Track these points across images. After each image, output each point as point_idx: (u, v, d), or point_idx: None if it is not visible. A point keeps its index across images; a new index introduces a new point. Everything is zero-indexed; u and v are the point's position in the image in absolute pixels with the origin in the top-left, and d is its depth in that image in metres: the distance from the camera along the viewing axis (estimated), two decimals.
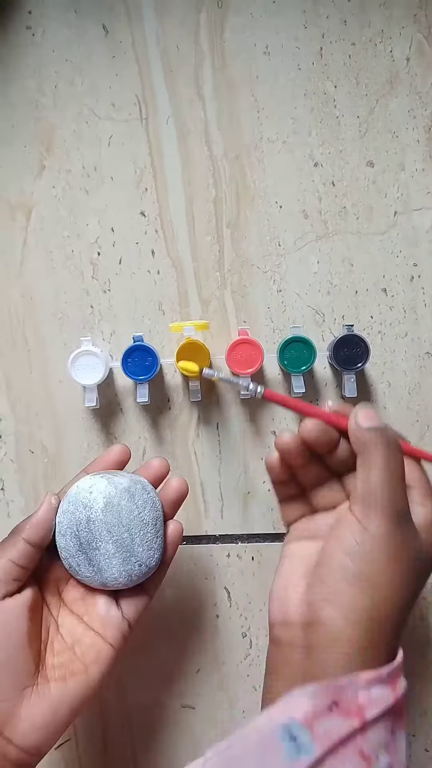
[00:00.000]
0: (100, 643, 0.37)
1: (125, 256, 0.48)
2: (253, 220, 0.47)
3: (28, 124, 0.47)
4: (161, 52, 0.46)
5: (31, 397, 0.49)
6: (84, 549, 0.37)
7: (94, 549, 0.37)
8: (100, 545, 0.37)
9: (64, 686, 0.35)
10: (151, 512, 0.38)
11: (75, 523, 0.37)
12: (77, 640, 0.37)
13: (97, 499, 0.38)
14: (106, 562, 0.37)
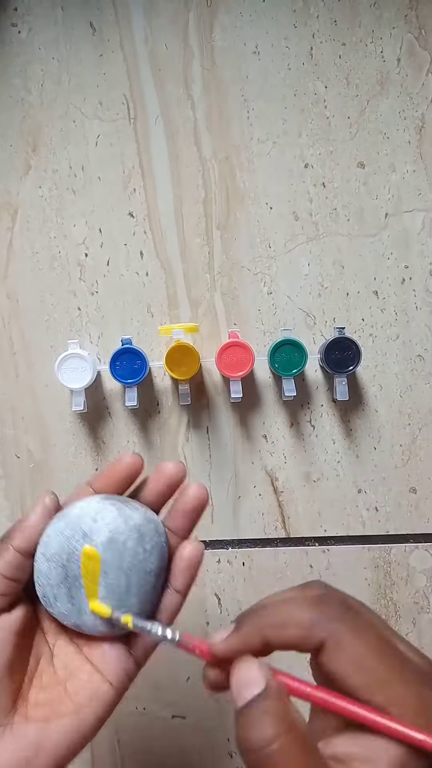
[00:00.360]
0: (98, 680, 0.31)
1: (113, 258, 0.47)
2: (243, 221, 0.46)
3: (14, 123, 0.47)
4: (150, 51, 0.46)
5: (17, 401, 0.48)
6: (68, 583, 0.31)
7: (79, 587, 0.31)
8: (88, 584, 0.31)
9: (46, 729, 0.29)
10: (157, 560, 0.32)
11: (67, 551, 0.31)
12: (71, 674, 0.31)
13: (101, 530, 0.31)
14: (87, 602, 0.31)
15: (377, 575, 0.48)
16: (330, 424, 0.47)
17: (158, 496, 0.34)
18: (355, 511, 0.47)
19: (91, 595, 0.31)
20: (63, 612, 0.32)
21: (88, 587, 0.31)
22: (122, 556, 0.31)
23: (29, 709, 0.30)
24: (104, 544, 0.31)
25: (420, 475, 0.47)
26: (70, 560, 0.31)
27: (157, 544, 0.32)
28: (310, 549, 0.48)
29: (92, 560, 0.31)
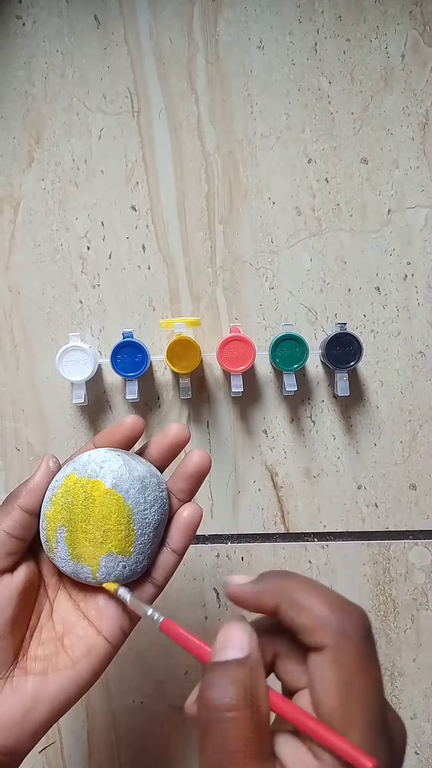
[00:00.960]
0: (94, 636, 0.32)
1: (115, 251, 0.47)
2: (245, 216, 0.46)
3: (17, 116, 0.46)
4: (154, 44, 0.46)
5: (18, 394, 0.48)
6: (71, 526, 0.32)
7: (81, 531, 0.32)
8: (89, 528, 0.32)
9: (44, 682, 0.31)
10: (157, 513, 0.33)
11: (72, 493, 0.33)
12: (68, 629, 0.33)
13: (105, 476, 0.32)
14: (87, 549, 0.32)
15: (376, 571, 0.48)
16: (330, 420, 0.47)
17: (161, 454, 0.35)
18: (354, 507, 0.47)
19: (91, 539, 0.32)
20: (61, 557, 0.33)
21: (89, 531, 0.32)
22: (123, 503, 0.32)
23: (28, 663, 0.32)
24: (107, 490, 0.32)
25: (420, 471, 0.47)
26: (74, 502, 0.32)
27: (158, 498, 0.33)
28: (310, 544, 0.48)
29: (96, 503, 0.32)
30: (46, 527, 0.33)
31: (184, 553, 0.35)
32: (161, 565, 0.34)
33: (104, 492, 0.32)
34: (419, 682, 0.47)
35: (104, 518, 0.32)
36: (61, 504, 0.33)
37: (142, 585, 0.34)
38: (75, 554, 0.33)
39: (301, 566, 0.48)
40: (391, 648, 0.47)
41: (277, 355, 0.44)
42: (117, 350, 0.44)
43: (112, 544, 0.32)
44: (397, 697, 0.48)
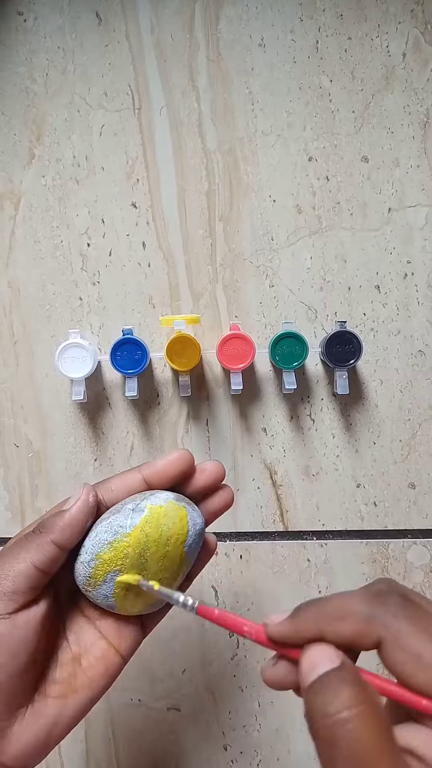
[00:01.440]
0: (112, 655, 0.32)
1: (115, 248, 0.47)
2: (246, 213, 0.46)
3: (18, 112, 0.46)
4: (155, 41, 0.46)
5: (17, 391, 0.48)
6: (128, 571, 0.32)
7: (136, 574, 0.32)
8: (146, 575, 0.32)
9: (64, 705, 0.31)
10: (194, 560, 0.34)
11: (142, 546, 0.32)
12: (86, 650, 0.32)
13: (175, 531, 0.32)
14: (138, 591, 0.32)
15: (375, 570, 0.47)
16: (330, 418, 0.47)
17: (199, 492, 0.35)
18: (353, 505, 0.47)
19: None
20: (104, 594, 0.32)
21: (145, 576, 0.32)
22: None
23: (48, 687, 0.31)
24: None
25: (419, 470, 0.47)
26: (143, 555, 0.32)
27: (195, 550, 0.34)
28: (308, 543, 0.48)
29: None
30: (96, 567, 0.32)
31: (194, 578, 0.36)
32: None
33: (169, 548, 0.32)
34: None
35: (164, 569, 0.32)
36: (124, 553, 0.31)
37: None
38: (120, 594, 0.32)
39: (300, 564, 0.48)
40: None
41: (276, 353, 0.44)
42: (117, 347, 0.44)
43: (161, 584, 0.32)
44: None
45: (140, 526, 0.32)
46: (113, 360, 0.44)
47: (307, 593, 0.48)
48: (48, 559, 0.30)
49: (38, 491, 0.48)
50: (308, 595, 0.48)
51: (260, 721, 0.48)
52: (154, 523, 0.32)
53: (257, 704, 0.48)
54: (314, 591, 0.48)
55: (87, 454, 0.48)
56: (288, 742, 0.48)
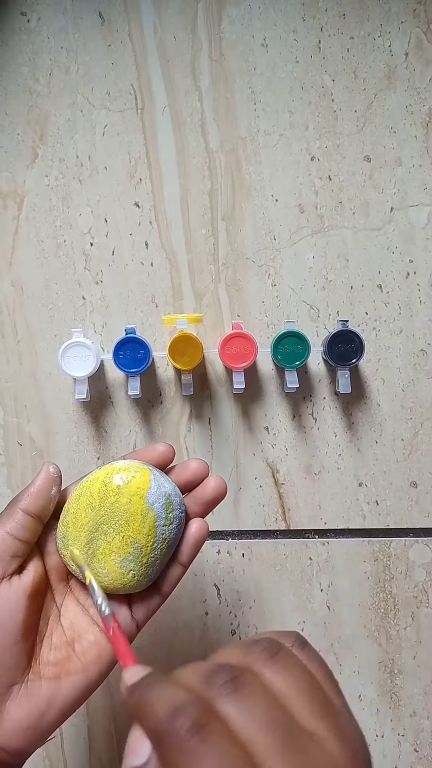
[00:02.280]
0: (104, 641, 0.33)
1: (118, 247, 0.47)
2: (248, 213, 0.47)
3: (21, 112, 0.47)
4: (158, 41, 0.46)
5: (20, 389, 0.48)
6: (92, 526, 0.33)
7: (101, 532, 0.33)
8: (110, 531, 0.33)
9: (57, 686, 0.32)
10: (173, 531, 0.34)
11: (99, 494, 0.34)
12: (78, 635, 0.34)
13: (134, 484, 0.33)
14: (102, 552, 0.33)
15: (377, 569, 0.48)
16: (332, 417, 0.47)
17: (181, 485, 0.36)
18: (355, 504, 0.48)
19: (109, 541, 0.33)
20: (75, 553, 0.33)
21: (109, 533, 0.33)
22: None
23: (41, 668, 0.32)
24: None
25: (421, 469, 0.47)
26: (101, 504, 0.33)
27: (177, 518, 0.34)
28: (310, 541, 0.48)
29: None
30: (67, 523, 0.34)
31: (189, 565, 0.36)
32: (169, 577, 0.35)
33: (130, 499, 0.33)
34: (419, 680, 0.47)
35: (126, 524, 0.33)
36: (86, 504, 0.34)
37: (148, 595, 0.35)
38: (90, 553, 0.33)
39: (302, 563, 0.48)
40: (390, 645, 0.48)
41: (278, 352, 0.44)
42: (119, 346, 0.44)
43: (127, 551, 0.33)
44: (396, 694, 0.48)
45: (101, 475, 0.34)
46: (116, 359, 0.44)
47: (309, 592, 0.48)
48: (19, 525, 0.33)
49: None
50: (310, 593, 0.48)
51: None
52: (112, 474, 0.34)
53: None
54: (316, 589, 0.48)
55: (90, 453, 0.48)
56: None
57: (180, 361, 0.44)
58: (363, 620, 0.48)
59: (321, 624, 0.48)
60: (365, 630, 0.48)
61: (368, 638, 0.48)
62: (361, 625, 0.48)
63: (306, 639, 0.25)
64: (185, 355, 0.44)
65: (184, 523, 0.35)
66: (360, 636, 0.48)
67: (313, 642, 0.48)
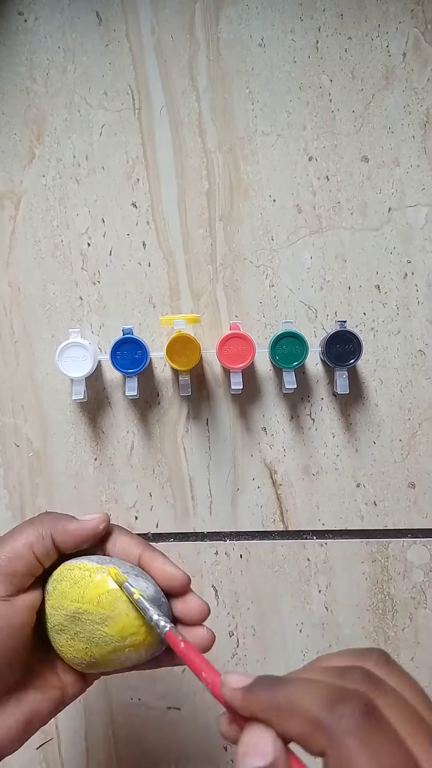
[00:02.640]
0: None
1: (116, 248, 0.47)
2: (246, 213, 0.46)
3: (18, 112, 0.47)
4: (156, 41, 0.46)
5: (17, 390, 0.48)
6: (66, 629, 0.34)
7: (74, 635, 0.33)
8: (78, 637, 0.33)
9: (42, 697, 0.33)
10: (126, 640, 0.33)
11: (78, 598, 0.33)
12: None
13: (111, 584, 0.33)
14: (70, 649, 0.34)
15: (375, 569, 0.47)
16: (330, 418, 0.47)
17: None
18: (353, 505, 0.47)
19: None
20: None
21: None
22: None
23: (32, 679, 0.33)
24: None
25: (419, 470, 0.47)
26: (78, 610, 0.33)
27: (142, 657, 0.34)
28: (308, 542, 0.48)
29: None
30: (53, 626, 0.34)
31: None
32: None
33: (92, 605, 0.32)
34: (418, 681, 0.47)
35: (85, 630, 0.33)
36: (64, 609, 0.33)
37: None
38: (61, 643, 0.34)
39: (300, 564, 0.48)
40: (389, 646, 0.47)
41: (276, 352, 0.44)
42: (117, 347, 0.44)
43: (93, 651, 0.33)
44: None
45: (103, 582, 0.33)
46: (113, 359, 0.44)
47: (307, 593, 0.48)
48: (46, 551, 0.33)
49: (38, 491, 0.48)
50: (308, 594, 0.48)
51: None
52: (66, 579, 0.33)
53: None
54: (314, 590, 0.48)
55: (87, 454, 0.48)
56: None
57: (177, 362, 0.44)
58: (361, 621, 0.47)
59: (319, 625, 0.48)
60: (363, 631, 0.47)
61: (366, 639, 0.47)
62: (359, 626, 0.47)
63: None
64: (183, 356, 0.44)
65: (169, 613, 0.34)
66: (358, 637, 0.47)
67: (311, 643, 0.48)
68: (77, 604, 0.32)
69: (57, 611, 0.33)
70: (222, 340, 0.44)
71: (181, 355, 0.44)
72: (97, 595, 0.32)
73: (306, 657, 0.48)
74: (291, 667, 0.47)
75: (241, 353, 0.44)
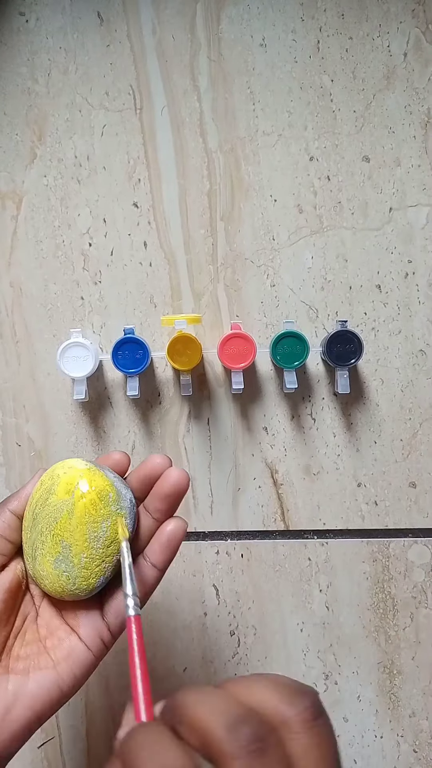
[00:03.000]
0: (75, 640, 0.33)
1: (117, 248, 0.47)
2: (247, 213, 0.46)
3: (20, 112, 0.47)
4: (157, 41, 0.46)
5: (19, 390, 0.48)
6: (33, 527, 0.34)
7: (38, 533, 0.33)
8: (44, 531, 0.33)
9: (25, 681, 0.31)
10: (108, 530, 0.33)
11: (36, 495, 0.34)
12: (51, 632, 0.34)
13: (63, 479, 0.33)
14: (41, 554, 0.33)
15: (375, 569, 0.48)
16: (331, 418, 0.47)
17: (140, 483, 0.36)
18: (354, 504, 0.48)
19: (42, 541, 0.34)
20: (28, 561, 0.34)
21: (44, 532, 0.34)
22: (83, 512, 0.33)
23: (11, 662, 0.33)
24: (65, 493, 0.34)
25: (420, 470, 0.47)
26: (36, 506, 0.34)
27: (113, 514, 0.33)
28: (309, 542, 0.48)
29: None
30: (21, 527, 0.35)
31: (165, 568, 0.35)
32: (143, 579, 0.34)
33: (59, 496, 0.33)
34: (418, 680, 0.47)
35: (54, 521, 0.33)
36: (30, 507, 0.35)
37: (120, 601, 0.34)
38: (33, 557, 0.34)
39: (301, 564, 0.48)
40: (389, 646, 0.47)
41: (277, 352, 0.44)
42: (118, 346, 0.44)
43: (57, 551, 0.33)
44: (395, 695, 0.48)
45: (40, 478, 0.35)
46: (115, 359, 0.44)
47: (308, 592, 0.48)
48: (7, 525, 0.34)
49: None
50: (309, 594, 0.48)
51: None
52: (46, 473, 0.35)
53: None
54: (315, 590, 0.48)
55: (88, 453, 0.48)
56: None
57: (179, 362, 0.44)
58: (362, 621, 0.48)
59: (320, 624, 0.48)
60: (364, 630, 0.48)
61: (367, 639, 0.48)
62: (360, 625, 0.48)
63: (323, 705, 0.22)
64: (184, 356, 0.44)
65: (134, 522, 0.34)
66: (359, 636, 0.48)
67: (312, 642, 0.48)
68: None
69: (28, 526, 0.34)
70: (223, 339, 0.44)
71: (182, 354, 0.44)
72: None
73: (307, 656, 0.48)
74: (292, 667, 0.47)
75: (242, 353, 0.44)
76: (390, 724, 0.48)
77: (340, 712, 0.48)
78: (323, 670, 0.48)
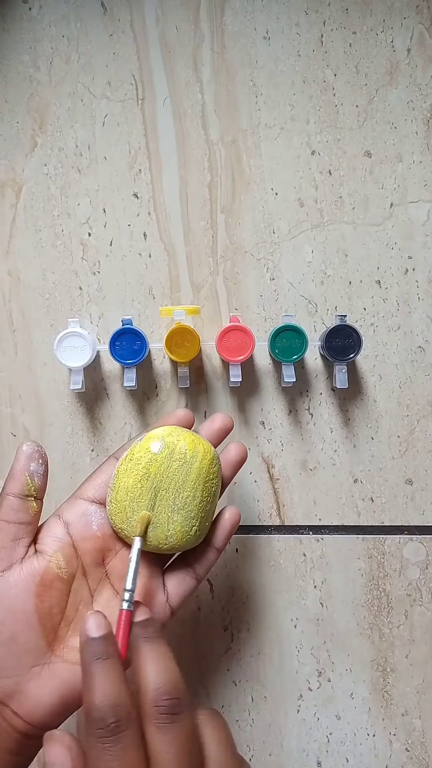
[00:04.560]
0: None
1: (116, 238, 0.47)
2: (247, 206, 0.46)
3: (21, 100, 0.46)
4: (160, 32, 0.46)
5: (15, 379, 0.47)
6: (152, 495, 0.36)
7: (162, 498, 0.36)
8: (168, 496, 0.36)
9: (77, 669, 0.31)
10: (217, 485, 0.38)
11: (152, 462, 0.36)
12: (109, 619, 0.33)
13: (179, 447, 0.37)
14: (166, 515, 0.36)
15: (371, 566, 0.47)
16: (328, 413, 0.47)
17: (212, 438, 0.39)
18: (350, 500, 0.47)
19: (166, 504, 0.36)
20: (131, 524, 0.36)
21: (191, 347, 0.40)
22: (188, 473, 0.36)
23: (65, 652, 0.33)
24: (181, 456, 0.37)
25: (416, 466, 0.47)
26: (157, 473, 0.36)
27: (219, 472, 0.38)
28: (304, 537, 0.48)
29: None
30: (120, 499, 0.36)
31: (222, 549, 0.38)
32: (202, 560, 0.37)
33: (181, 462, 0.36)
34: (411, 678, 0.47)
35: (183, 485, 0.36)
36: (140, 475, 0.36)
37: (182, 577, 0.36)
38: (153, 522, 0.36)
39: (296, 559, 0.47)
40: (383, 643, 0.47)
41: (276, 345, 0.44)
42: (116, 337, 0.44)
43: (189, 509, 0.36)
44: (388, 692, 0.47)
45: (145, 445, 0.37)
46: (112, 350, 0.44)
47: (303, 588, 0.47)
48: (11, 508, 0.34)
49: None
50: (303, 590, 0.47)
51: (253, 716, 0.48)
52: (159, 442, 0.37)
53: (250, 698, 0.48)
54: (310, 586, 0.47)
55: (84, 444, 0.48)
56: (281, 737, 0.48)
57: (177, 354, 0.43)
58: (356, 618, 0.47)
59: (314, 621, 0.47)
60: (358, 627, 0.47)
61: (361, 636, 0.47)
62: (354, 622, 0.47)
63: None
64: (182, 348, 0.43)
65: (221, 478, 0.38)
66: (353, 633, 0.47)
67: (306, 639, 0.47)
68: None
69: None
70: (222, 332, 0.44)
71: (180, 346, 0.43)
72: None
73: (300, 653, 0.47)
74: (285, 663, 0.47)
75: (241, 346, 0.44)
76: (383, 723, 0.47)
77: (332, 709, 0.47)
78: (316, 667, 0.47)
